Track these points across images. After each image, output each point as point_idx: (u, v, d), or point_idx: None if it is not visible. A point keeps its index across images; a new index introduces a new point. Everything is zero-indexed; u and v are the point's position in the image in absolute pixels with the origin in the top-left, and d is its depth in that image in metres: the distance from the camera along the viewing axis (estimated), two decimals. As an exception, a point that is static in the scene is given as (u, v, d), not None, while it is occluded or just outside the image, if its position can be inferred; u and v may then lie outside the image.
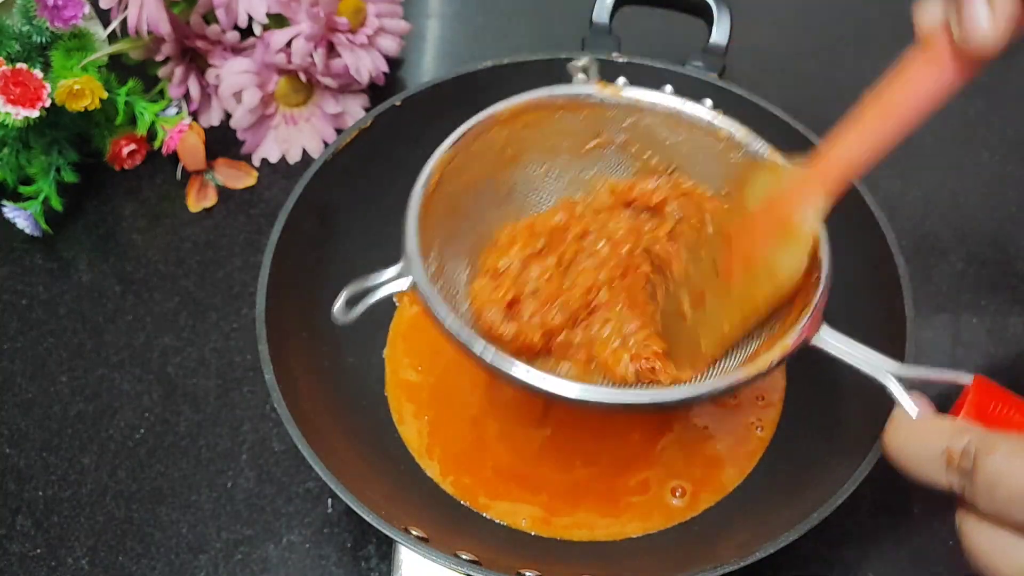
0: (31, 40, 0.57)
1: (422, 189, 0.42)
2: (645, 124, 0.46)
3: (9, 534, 0.49)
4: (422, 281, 0.40)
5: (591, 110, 0.46)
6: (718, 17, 0.57)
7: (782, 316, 0.41)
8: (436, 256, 0.43)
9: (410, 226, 0.41)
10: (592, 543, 0.47)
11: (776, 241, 0.39)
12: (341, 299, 0.39)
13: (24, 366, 0.55)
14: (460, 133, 0.43)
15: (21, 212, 0.57)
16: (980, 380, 0.36)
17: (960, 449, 0.32)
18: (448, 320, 0.39)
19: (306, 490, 0.50)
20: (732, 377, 0.38)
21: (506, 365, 0.38)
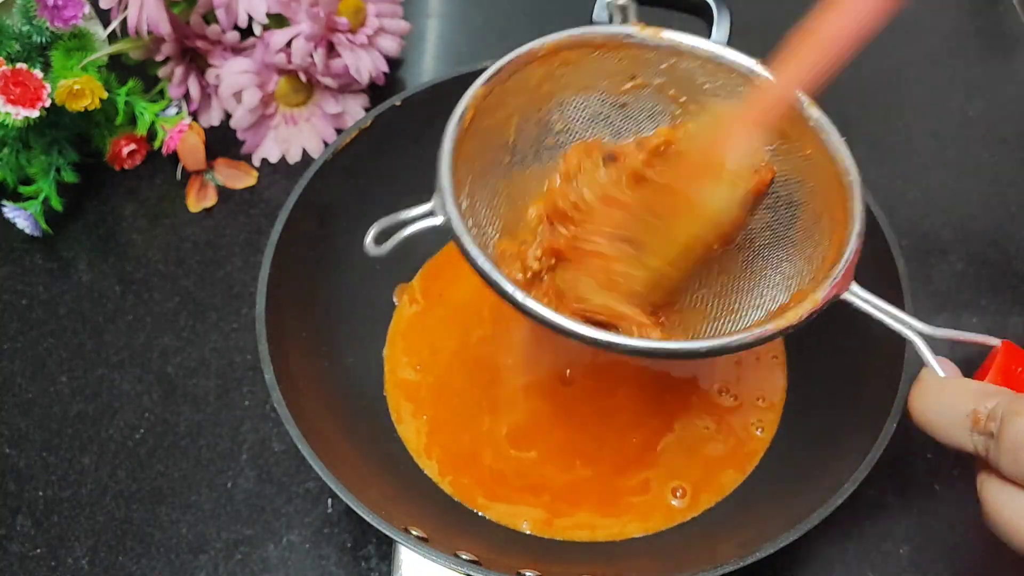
0: (31, 40, 0.57)
1: (456, 124, 0.41)
2: (684, 67, 0.45)
3: (9, 534, 0.49)
4: (455, 217, 0.39)
5: (629, 50, 0.45)
6: (718, 17, 0.57)
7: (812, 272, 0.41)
8: (468, 193, 0.42)
9: (444, 161, 0.40)
10: (592, 543, 0.47)
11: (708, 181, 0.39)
12: (372, 233, 0.39)
13: (24, 366, 0.55)
14: (496, 68, 0.43)
15: (21, 212, 0.57)
16: (1008, 344, 0.36)
17: (987, 411, 0.32)
18: (479, 259, 0.38)
19: (306, 490, 0.50)
20: (763, 328, 0.37)
21: (534, 306, 0.38)
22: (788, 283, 0.42)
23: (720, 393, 0.51)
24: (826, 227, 0.42)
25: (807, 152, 0.43)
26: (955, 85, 0.69)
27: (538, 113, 0.46)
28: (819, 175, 0.42)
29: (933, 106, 0.67)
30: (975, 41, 0.72)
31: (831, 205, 0.41)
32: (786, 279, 0.43)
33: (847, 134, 0.42)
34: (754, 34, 0.71)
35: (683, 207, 0.40)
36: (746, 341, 0.38)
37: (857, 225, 0.39)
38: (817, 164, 0.42)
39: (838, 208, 0.41)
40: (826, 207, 0.42)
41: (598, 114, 0.47)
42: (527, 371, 0.53)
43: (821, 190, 0.42)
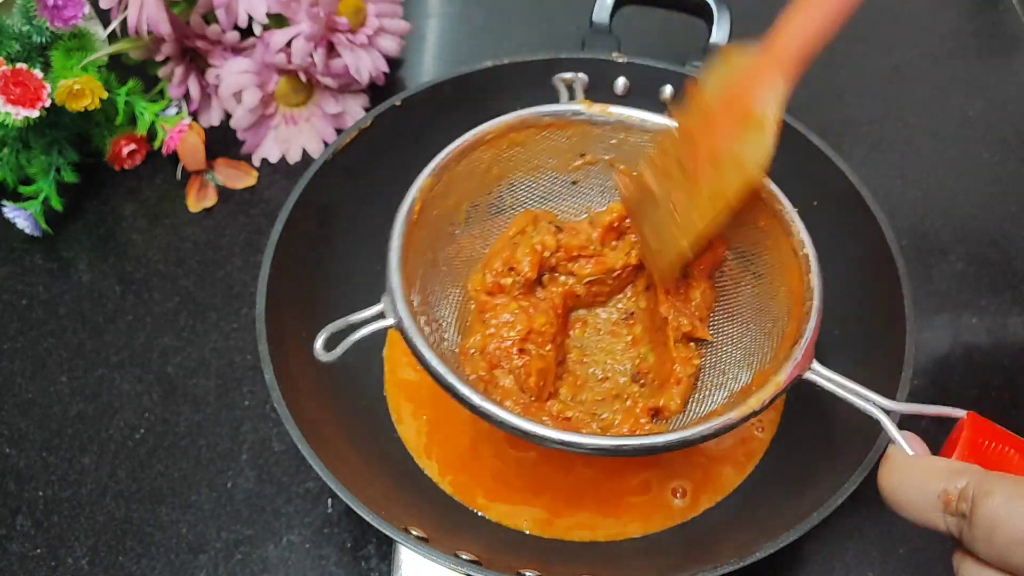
0: (31, 40, 0.57)
1: (404, 219, 0.41)
2: (633, 141, 0.45)
3: (9, 534, 0.49)
4: (406, 319, 0.39)
5: (578, 128, 0.45)
6: (718, 17, 0.57)
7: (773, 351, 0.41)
8: (420, 288, 0.42)
9: (393, 261, 0.40)
10: (593, 543, 0.47)
11: (740, 132, 0.38)
12: (320, 339, 0.39)
13: (24, 366, 0.55)
14: (444, 156, 0.43)
15: (21, 212, 0.57)
16: (973, 417, 0.35)
17: (958, 491, 0.31)
18: (432, 361, 0.39)
19: (306, 490, 0.50)
20: (725, 418, 0.38)
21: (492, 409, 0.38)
22: (750, 360, 0.43)
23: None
24: (784, 301, 0.42)
25: (761, 224, 0.43)
26: (955, 85, 0.69)
27: (488, 196, 0.46)
28: (775, 248, 0.43)
29: (933, 106, 0.67)
30: (975, 41, 0.72)
31: (788, 278, 0.42)
32: (747, 355, 0.43)
33: (847, 134, 0.42)
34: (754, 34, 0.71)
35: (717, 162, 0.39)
36: (709, 432, 0.38)
37: (816, 300, 0.39)
38: (772, 235, 0.43)
39: (795, 281, 0.41)
40: (784, 280, 0.42)
41: (549, 192, 0.47)
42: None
43: (778, 263, 0.42)
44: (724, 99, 0.39)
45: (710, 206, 0.39)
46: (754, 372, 0.42)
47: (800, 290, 0.40)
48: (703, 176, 0.40)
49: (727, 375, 0.43)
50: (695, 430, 0.38)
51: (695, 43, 0.57)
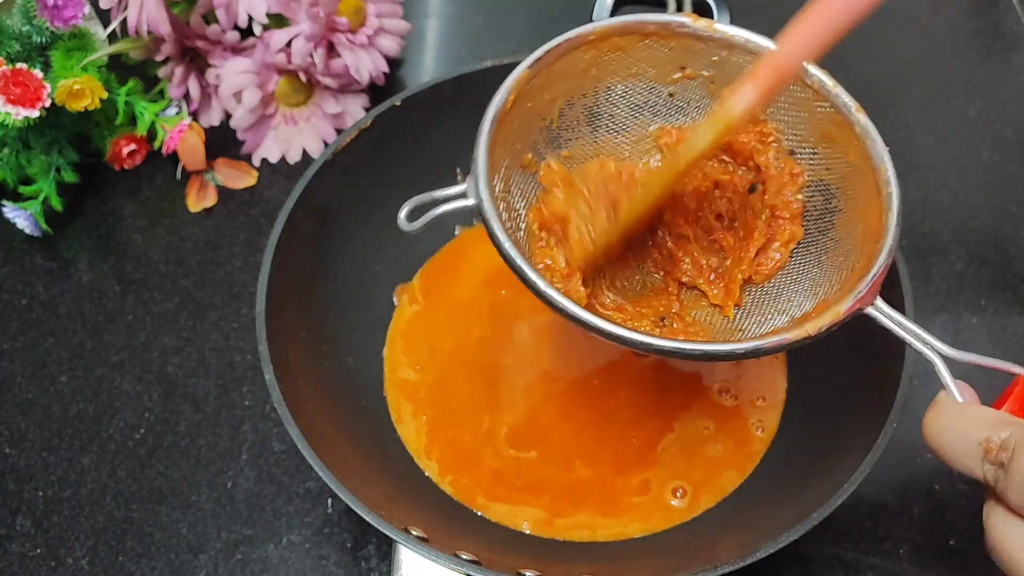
0: (31, 40, 0.57)
1: (497, 107, 0.41)
2: (734, 62, 0.44)
3: (9, 534, 0.49)
4: (486, 201, 0.39)
5: (681, 40, 0.44)
6: (718, 17, 0.56)
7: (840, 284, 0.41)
8: (503, 176, 0.42)
9: (481, 144, 0.40)
10: (593, 543, 0.47)
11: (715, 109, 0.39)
12: (405, 209, 0.39)
13: (24, 366, 0.55)
14: (544, 50, 0.42)
15: (21, 212, 0.57)
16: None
17: (1000, 441, 0.32)
18: (506, 244, 0.38)
19: (306, 490, 0.50)
20: (781, 336, 0.37)
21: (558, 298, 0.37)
22: (816, 290, 0.42)
23: (720, 393, 0.51)
24: (859, 238, 0.41)
25: (850, 158, 0.42)
26: (955, 85, 0.69)
27: (583, 98, 0.45)
28: (860, 184, 0.42)
29: (933, 106, 0.67)
30: (975, 41, 0.72)
31: (868, 215, 0.41)
32: (814, 286, 0.42)
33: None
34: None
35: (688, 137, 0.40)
36: (765, 347, 0.37)
37: (890, 240, 0.39)
38: (859, 172, 0.42)
39: (874, 219, 0.41)
40: (862, 217, 0.42)
41: (644, 103, 0.46)
42: (527, 371, 0.53)
43: (860, 199, 0.42)
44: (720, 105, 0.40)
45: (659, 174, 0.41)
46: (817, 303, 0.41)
47: (878, 228, 0.40)
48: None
49: (791, 303, 0.43)
50: (748, 344, 0.37)
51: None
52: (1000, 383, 0.36)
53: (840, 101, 0.42)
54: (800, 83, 0.43)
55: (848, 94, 0.43)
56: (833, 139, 0.43)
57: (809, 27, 0.36)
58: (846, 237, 0.42)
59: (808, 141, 0.44)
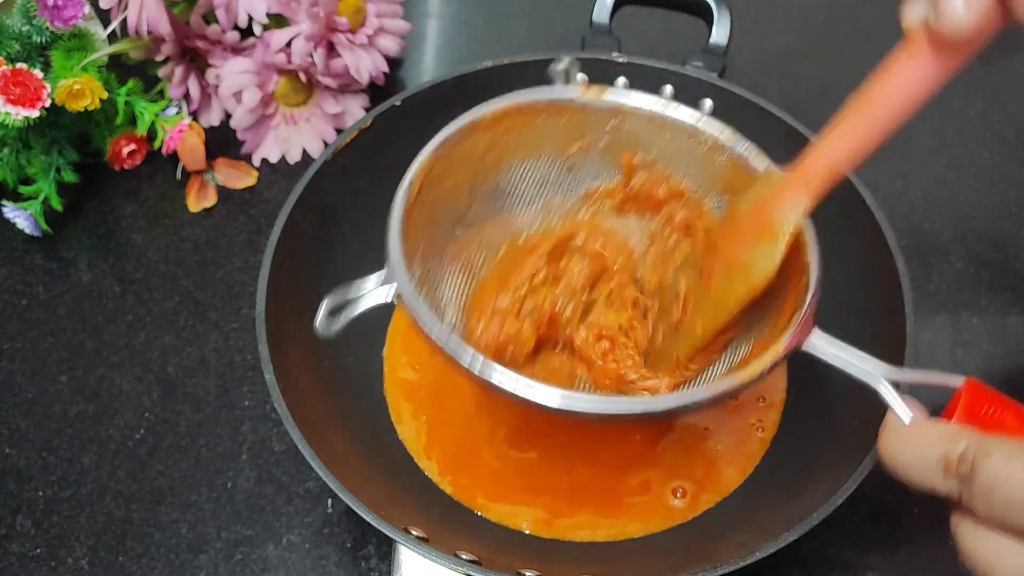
0: (31, 40, 0.57)
1: (404, 197, 0.41)
2: (628, 127, 0.45)
3: (9, 534, 0.49)
4: (407, 290, 0.39)
5: (573, 113, 0.45)
6: (718, 17, 0.57)
7: (771, 322, 0.41)
8: (419, 263, 0.42)
9: (393, 234, 0.40)
10: (593, 543, 0.47)
11: (755, 243, 0.39)
12: (322, 311, 0.38)
13: (24, 366, 0.55)
14: (440, 140, 0.43)
15: (21, 212, 0.57)
16: (972, 382, 0.35)
17: (957, 454, 0.32)
18: (434, 329, 0.38)
19: (306, 490, 0.50)
20: (725, 383, 0.38)
21: (494, 374, 0.37)
22: (748, 335, 0.42)
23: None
24: (785, 277, 0.41)
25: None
26: (955, 85, 0.68)
27: (486, 181, 0.46)
28: None
29: (933, 106, 0.67)
30: (975, 41, 0.72)
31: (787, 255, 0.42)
32: (747, 331, 0.43)
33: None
34: (755, 34, 0.71)
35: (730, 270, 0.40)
36: (711, 397, 0.37)
37: (814, 275, 0.39)
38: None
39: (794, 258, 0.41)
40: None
41: (547, 178, 0.47)
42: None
43: None
44: (750, 212, 0.40)
45: (713, 314, 0.41)
46: (752, 345, 0.42)
47: (800, 265, 0.40)
48: (715, 283, 0.41)
49: (727, 350, 0.43)
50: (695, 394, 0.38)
51: (695, 43, 0.57)
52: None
53: (738, 150, 0.43)
54: (695, 138, 0.44)
55: (747, 142, 0.43)
56: (737, 188, 0.43)
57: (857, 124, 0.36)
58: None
59: (713, 193, 0.45)
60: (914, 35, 0.34)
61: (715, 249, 0.42)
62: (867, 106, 0.36)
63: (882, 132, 0.36)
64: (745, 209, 0.41)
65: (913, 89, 0.35)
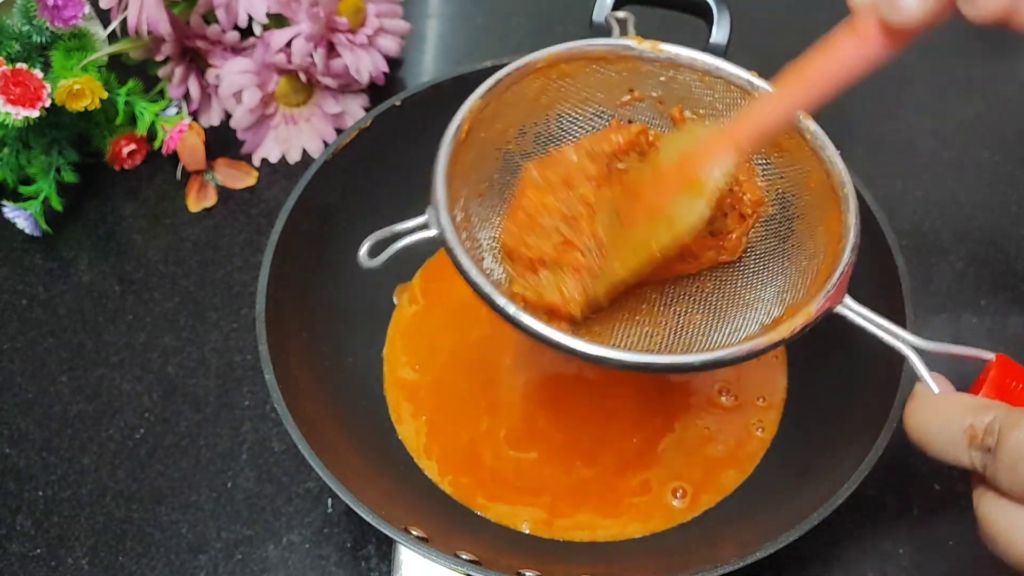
0: (31, 40, 0.57)
1: (452, 137, 0.41)
2: (681, 80, 0.45)
3: (9, 534, 0.49)
4: (448, 231, 0.39)
5: (627, 63, 0.45)
6: (718, 17, 0.56)
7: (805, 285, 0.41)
8: (463, 206, 0.42)
9: (438, 175, 0.40)
10: (593, 544, 0.47)
11: (681, 193, 0.39)
12: (365, 246, 0.39)
13: (24, 366, 0.55)
14: (494, 80, 0.43)
15: (21, 212, 0.57)
16: (1002, 358, 0.35)
17: (984, 426, 0.32)
18: (472, 271, 0.38)
19: (306, 490, 0.50)
20: (756, 342, 0.37)
21: (528, 320, 0.37)
22: (783, 296, 0.42)
23: (720, 393, 0.51)
24: (821, 239, 0.42)
25: (803, 164, 0.43)
26: (955, 85, 0.69)
27: (535, 126, 0.46)
28: (816, 187, 0.42)
29: (933, 106, 0.67)
30: (975, 41, 0.72)
31: (827, 217, 0.41)
32: (781, 292, 0.43)
33: (847, 134, 0.42)
34: (754, 34, 0.71)
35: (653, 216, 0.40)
36: (739, 354, 0.37)
37: (852, 238, 0.39)
38: (814, 176, 0.42)
39: (833, 220, 0.41)
40: (822, 219, 0.42)
41: (596, 127, 0.47)
42: (526, 371, 0.53)
43: (817, 202, 0.42)
44: (676, 163, 0.40)
45: (633, 256, 0.40)
46: (787, 307, 0.41)
47: (838, 229, 0.40)
48: (635, 227, 0.41)
49: (760, 310, 0.43)
50: (723, 352, 0.37)
51: (695, 43, 0.57)
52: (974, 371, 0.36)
53: None
54: (747, 96, 0.44)
55: None
56: (784, 147, 0.43)
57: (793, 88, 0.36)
58: (807, 241, 0.43)
59: (760, 152, 0.44)
60: (862, 16, 0.34)
61: (635, 193, 0.42)
62: (805, 76, 0.36)
63: (815, 103, 0.36)
64: (668, 159, 0.41)
65: (852, 66, 0.35)
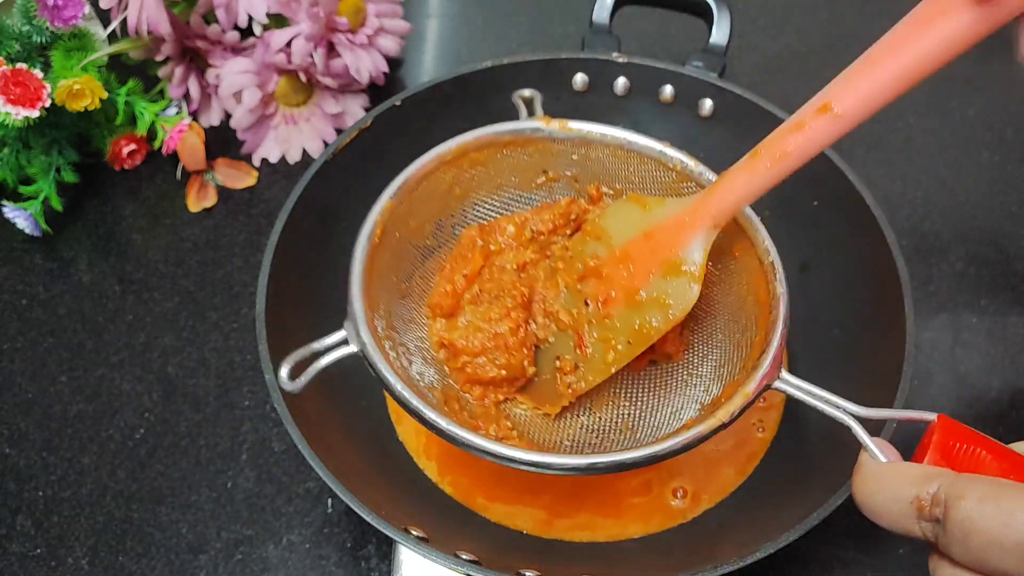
0: (31, 40, 0.57)
1: (365, 244, 0.41)
2: (595, 156, 0.45)
3: (9, 534, 0.49)
4: (369, 345, 0.38)
5: (539, 145, 0.45)
6: (718, 17, 0.57)
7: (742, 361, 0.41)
8: (383, 312, 0.41)
9: (354, 285, 0.40)
10: (593, 544, 0.47)
11: (665, 277, 0.39)
12: (284, 369, 0.37)
13: (24, 366, 0.55)
14: (402, 180, 0.43)
15: (21, 212, 0.57)
16: (944, 420, 0.35)
17: (930, 496, 0.31)
18: (397, 386, 0.38)
19: (306, 490, 0.50)
20: (696, 430, 0.37)
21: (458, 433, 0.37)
22: (720, 371, 0.42)
23: (720, 393, 0.51)
24: (751, 311, 0.41)
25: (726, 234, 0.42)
26: (955, 85, 0.69)
27: (452, 218, 0.46)
28: (741, 257, 0.42)
29: (933, 106, 0.68)
30: (975, 41, 0.72)
31: (755, 287, 0.41)
32: (717, 367, 0.42)
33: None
34: (755, 34, 0.71)
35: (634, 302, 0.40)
36: (683, 444, 0.37)
37: (782, 308, 0.39)
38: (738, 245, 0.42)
39: (762, 290, 0.41)
40: (751, 289, 0.42)
41: (513, 211, 0.47)
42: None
43: (744, 272, 0.42)
44: (642, 242, 0.40)
45: (628, 349, 0.41)
46: (724, 384, 0.41)
47: (767, 299, 0.40)
48: (619, 317, 0.41)
49: (698, 389, 0.43)
50: (664, 445, 0.37)
51: (695, 43, 0.57)
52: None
53: (705, 179, 0.43)
54: (662, 167, 0.44)
55: (712, 172, 0.43)
56: None
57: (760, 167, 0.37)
58: (738, 313, 0.42)
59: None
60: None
61: (601, 277, 0.42)
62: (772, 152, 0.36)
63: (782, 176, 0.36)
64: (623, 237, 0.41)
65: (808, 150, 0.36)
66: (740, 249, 0.42)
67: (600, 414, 0.44)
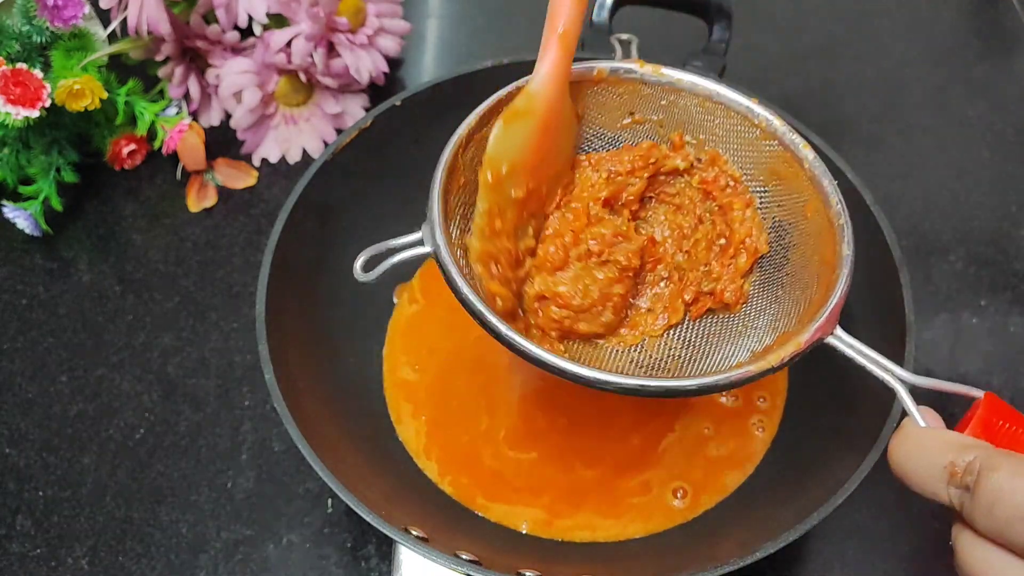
0: (31, 40, 0.57)
1: (451, 153, 0.41)
2: (682, 104, 0.45)
3: (9, 534, 0.49)
4: (443, 249, 0.39)
5: (629, 86, 0.45)
6: (718, 17, 0.57)
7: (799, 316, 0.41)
8: (458, 224, 0.42)
9: (435, 192, 0.40)
10: (593, 544, 0.47)
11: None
12: (360, 260, 0.39)
13: (24, 366, 0.55)
14: (494, 100, 0.43)
15: (21, 212, 0.57)
16: (990, 397, 0.35)
17: (964, 464, 0.32)
18: (464, 289, 0.38)
19: (306, 490, 0.50)
20: (745, 369, 0.37)
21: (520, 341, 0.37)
22: (775, 325, 0.42)
23: (721, 393, 0.51)
24: (816, 270, 0.42)
25: (801, 194, 0.43)
26: (955, 85, 0.69)
27: None
28: (812, 217, 0.42)
29: (933, 106, 0.67)
30: (975, 41, 0.72)
31: (822, 248, 0.42)
32: (774, 321, 0.43)
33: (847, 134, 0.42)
34: (755, 34, 0.71)
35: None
36: (730, 381, 0.37)
37: (846, 269, 0.39)
38: (811, 206, 0.42)
39: (829, 251, 0.41)
40: (817, 250, 0.42)
41: (596, 148, 0.46)
42: (526, 371, 0.53)
43: (813, 231, 0.42)
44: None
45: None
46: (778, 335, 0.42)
47: (833, 260, 0.40)
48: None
49: (752, 339, 0.43)
50: (713, 378, 0.37)
51: (695, 43, 0.57)
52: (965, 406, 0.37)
53: (788, 139, 0.43)
54: (747, 123, 0.44)
55: (797, 133, 0.43)
56: (782, 176, 0.43)
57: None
58: (802, 271, 0.43)
59: (758, 180, 0.44)
60: None
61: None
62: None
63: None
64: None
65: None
66: (812, 210, 0.42)
67: (652, 352, 0.44)
